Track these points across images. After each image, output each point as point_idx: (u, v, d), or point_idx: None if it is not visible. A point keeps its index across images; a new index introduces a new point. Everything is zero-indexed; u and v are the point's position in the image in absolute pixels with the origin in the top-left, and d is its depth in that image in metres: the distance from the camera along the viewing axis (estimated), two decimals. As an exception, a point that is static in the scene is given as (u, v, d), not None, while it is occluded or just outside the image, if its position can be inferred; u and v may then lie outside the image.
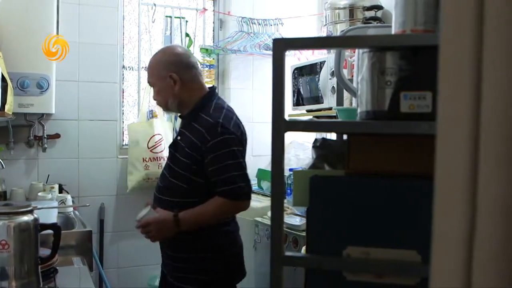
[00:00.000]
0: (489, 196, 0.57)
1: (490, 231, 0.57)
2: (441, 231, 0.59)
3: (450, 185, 0.58)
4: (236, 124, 2.04)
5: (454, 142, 0.57)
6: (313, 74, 2.94)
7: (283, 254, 1.09)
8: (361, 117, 1.08)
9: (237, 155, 1.97)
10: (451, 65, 0.57)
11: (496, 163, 0.56)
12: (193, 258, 2.08)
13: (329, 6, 2.90)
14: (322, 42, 1.22)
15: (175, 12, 3.51)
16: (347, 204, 1.09)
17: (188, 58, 2.17)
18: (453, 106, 0.57)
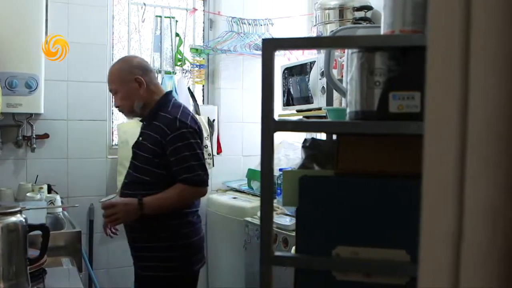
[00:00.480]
0: (476, 196, 0.57)
1: (477, 231, 0.57)
2: (429, 231, 0.59)
3: (438, 185, 0.58)
4: (193, 119, 2.25)
5: (441, 143, 0.57)
6: (303, 74, 2.95)
7: (272, 254, 1.09)
8: (350, 117, 1.08)
9: (195, 146, 2.19)
10: (439, 65, 0.57)
11: (483, 163, 0.57)
12: (155, 247, 2.24)
13: (319, 6, 2.91)
14: (311, 42, 1.22)
15: (165, 12, 3.50)
16: (336, 204, 1.09)
17: (146, 62, 2.43)
18: (440, 106, 0.57)
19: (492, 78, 0.56)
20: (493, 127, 0.56)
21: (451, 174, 0.57)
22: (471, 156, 0.57)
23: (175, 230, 2.25)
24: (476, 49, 0.56)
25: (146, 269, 2.27)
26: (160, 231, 2.24)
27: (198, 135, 2.23)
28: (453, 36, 0.57)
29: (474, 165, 0.57)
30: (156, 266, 2.24)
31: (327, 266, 1.12)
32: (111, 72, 2.34)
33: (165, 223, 2.23)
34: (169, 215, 2.22)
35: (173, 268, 2.24)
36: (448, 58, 0.57)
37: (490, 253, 0.57)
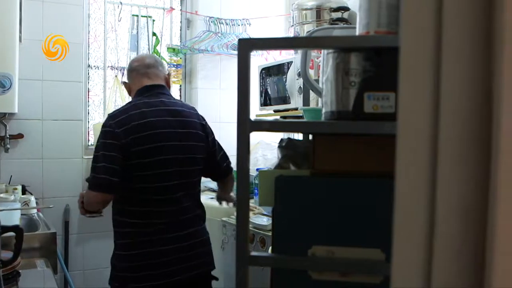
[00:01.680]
0: (448, 195, 0.58)
1: (449, 230, 0.58)
2: (401, 230, 0.60)
3: (410, 184, 0.59)
4: (124, 120, 2.03)
5: (413, 142, 0.58)
6: (281, 74, 2.95)
7: (248, 254, 1.09)
8: (325, 117, 1.09)
9: (100, 147, 2.02)
10: (411, 66, 0.58)
11: (455, 163, 0.57)
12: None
13: (297, 7, 2.92)
14: (287, 43, 1.22)
15: (142, 11, 3.48)
16: (312, 203, 1.10)
17: (133, 63, 2.30)
18: (412, 106, 0.58)
19: (464, 79, 0.57)
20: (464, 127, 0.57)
21: (423, 174, 0.58)
22: (443, 155, 0.58)
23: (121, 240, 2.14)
24: (448, 50, 0.57)
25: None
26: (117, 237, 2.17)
27: (116, 136, 2.00)
28: (425, 37, 0.57)
29: (445, 165, 0.57)
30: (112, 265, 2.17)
31: (303, 265, 1.12)
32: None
33: (119, 231, 2.14)
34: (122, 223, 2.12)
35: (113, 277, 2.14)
36: (420, 59, 0.57)
37: (462, 251, 0.58)
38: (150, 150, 2.04)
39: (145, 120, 2.05)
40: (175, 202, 2.12)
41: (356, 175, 1.10)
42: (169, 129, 2.10)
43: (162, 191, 2.08)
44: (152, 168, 2.05)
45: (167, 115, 2.11)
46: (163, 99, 2.17)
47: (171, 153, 2.08)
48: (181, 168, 2.12)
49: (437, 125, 0.58)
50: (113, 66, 3.44)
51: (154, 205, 2.07)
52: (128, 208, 2.08)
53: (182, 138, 2.13)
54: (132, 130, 2.02)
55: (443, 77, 0.57)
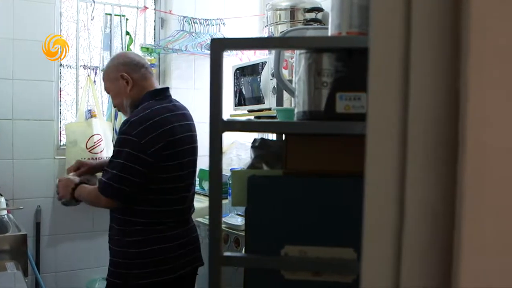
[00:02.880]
0: (416, 195, 0.58)
1: (417, 230, 0.59)
2: (371, 230, 0.60)
3: (379, 184, 0.59)
4: (148, 128, 2.01)
5: (382, 143, 0.59)
6: (255, 74, 2.95)
7: (221, 254, 1.08)
8: (298, 118, 1.09)
9: (125, 156, 1.99)
10: (380, 67, 0.58)
11: (423, 162, 0.58)
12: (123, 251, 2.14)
13: (271, 7, 2.92)
14: (259, 43, 1.22)
15: (115, 10, 3.44)
16: (285, 203, 1.10)
17: (137, 58, 2.26)
18: (381, 107, 0.58)
19: (432, 80, 0.57)
20: (432, 127, 0.58)
21: (391, 174, 0.59)
22: (411, 155, 0.58)
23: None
24: (416, 51, 0.58)
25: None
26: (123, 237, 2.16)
27: (141, 147, 1.99)
28: (394, 38, 0.58)
29: (414, 164, 0.58)
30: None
31: (275, 265, 1.13)
32: (103, 72, 2.31)
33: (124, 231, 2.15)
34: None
35: (113, 273, 2.15)
36: (389, 59, 0.58)
37: (430, 250, 0.59)
38: (175, 155, 2.08)
39: (169, 126, 2.06)
40: (183, 201, 2.19)
41: (328, 175, 1.11)
42: (187, 133, 2.15)
43: (176, 191, 2.14)
44: (175, 171, 2.10)
45: (183, 119, 2.16)
46: (175, 103, 2.21)
47: (188, 155, 2.16)
48: (194, 168, 2.23)
49: (405, 125, 0.58)
50: (86, 65, 3.39)
51: (170, 205, 2.13)
52: (143, 208, 2.10)
53: (192, 140, 2.21)
54: (156, 138, 2.02)
55: (412, 78, 0.58)
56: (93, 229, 3.31)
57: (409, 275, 0.59)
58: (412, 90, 0.58)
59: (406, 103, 0.58)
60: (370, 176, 0.59)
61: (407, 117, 0.58)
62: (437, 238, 0.58)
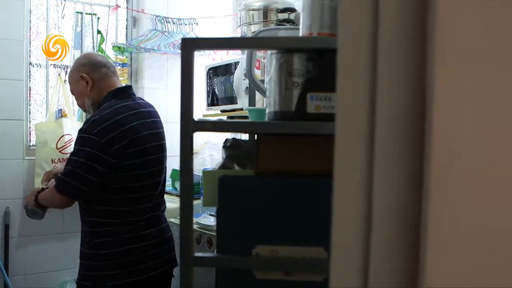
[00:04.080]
0: (384, 195, 0.59)
1: (385, 229, 0.59)
2: (339, 229, 0.60)
3: (347, 184, 0.59)
4: (108, 127, 2.00)
5: (350, 142, 0.59)
6: (228, 74, 2.95)
7: (192, 254, 1.08)
8: (269, 118, 1.09)
9: (82, 154, 1.99)
10: (348, 67, 0.58)
11: (391, 161, 0.59)
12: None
13: (244, 7, 2.92)
14: (230, 43, 1.22)
15: (86, 8, 3.39)
16: (256, 203, 1.10)
17: (97, 58, 2.26)
18: (349, 107, 0.59)
19: (399, 80, 0.58)
20: (399, 126, 0.58)
21: (359, 173, 0.59)
22: (379, 154, 0.59)
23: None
24: (383, 51, 0.58)
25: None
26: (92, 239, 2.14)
27: (100, 146, 1.97)
28: (361, 38, 0.58)
29: (381, 163, 0.59)
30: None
31: (247, 265, 1.13)
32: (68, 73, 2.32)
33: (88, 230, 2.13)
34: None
35: (84, 276, 2.12)
36: (356, 60, 0.58)
37: (398, 247, 0.59)
38: (137, 153, 2.05)
39: (130, 125, 2.05)
40: (153, 199, 2.16)
41: (299, 175, 1.11)
42: (150, 131, 2.13)
43: (142, 190, 2.11)
44: (137, 169, 2.07)
45: (146, 117, 2.15)
46: (138, 101, 2.19)
47: (152, 153, 2.13)
48: (160, 166, 2.20)
49: (373, 124, 0.59)
50: (56, 64, 3.34)
51: (136, 203, 2.10)
52: (109, 208, 2.08)
53: (158, 138, 2.18)
54: (117, 137, 2.00)
55: (379, 78, 0.58)
56: (64, 230, 3.26)
57: (377, 274, 0.60)
58: (380, 90, 0.58)
59: (373, 103, 0.59)
60: (338, 175, 0.60)
61: (374, 116, 0.59)
62: (405, 237, 0.59)
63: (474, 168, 0.53)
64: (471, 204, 0.53)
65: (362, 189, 0.59)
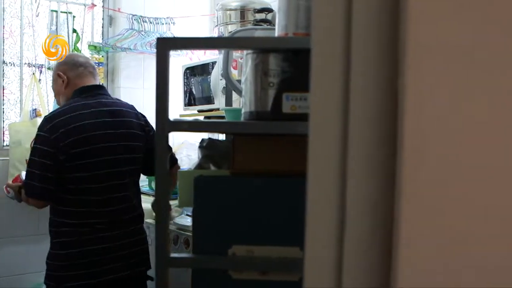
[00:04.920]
0: (357, 194, 0.59)
1: (358, 228, 0.60)
2: (313, 228, 0.61)
3: (321, 183, 0.60)
4: (59, 124, 2.01)
5: (324, 142, 0.59)
6: (205, 74, 2.94)
7: (168, 255, 1.08)
8: (245, 118, 1.09)
9: (36, 152, 2.01)
10: (321, 67, 0.59)
11: (364, 162, 0.59)
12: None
13: (221, 7, 2.92)
14: (206, 43, 1.22)
15: (62, 7, 3.35)
16: (232, 203, 1.10)
17: (78, 58, 2.27)
18: (323, 107, 0.59)
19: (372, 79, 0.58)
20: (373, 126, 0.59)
21: (333, 172, 0.60)
22: (352, 154, 0.59)
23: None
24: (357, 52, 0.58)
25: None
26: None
27: (51, 143, 1.98)
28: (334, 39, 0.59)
29: (355, 163, 0.59)
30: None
31: (223, 265, 1.13)
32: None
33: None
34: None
35: (48, 276, 2.11)
36: (330, 60, 0.59)
37: (371, 246, 0.60)
38: (88, 152, 2.02)
39: (82, 122, 2.03)
40: (116, 202, 2.11)
41: (275, 174, 1.11)
42: (108, 130, 2.09)
43: (102, 192, 2.07)
44: (91, 169, 2.04)
45: (106, 116, 2.10)
46: (101, 100, 2.15)
47: (110, 154, 2.08)
48: (122, 168, 2.12)
49: (346, 124, 0.59)
50: (30, 63, 3.29)
51: (94, 206, 2.06)
52: (65, 208, 2.06)
53: (121, 138, 2.13)
54: (68, 135, 1.99)
55: (352, 78, 0.59)
56: (39, 232, 3.21)
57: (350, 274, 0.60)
58: (353, 90, 0.59)
59: (347, 103, 0.59)
60: (312, 175, 0.60)
61: (348, 116, 0.59)
62: (378, 237, 0.59)
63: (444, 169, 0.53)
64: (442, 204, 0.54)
65: (335, 189, 0.60)
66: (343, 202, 0.60)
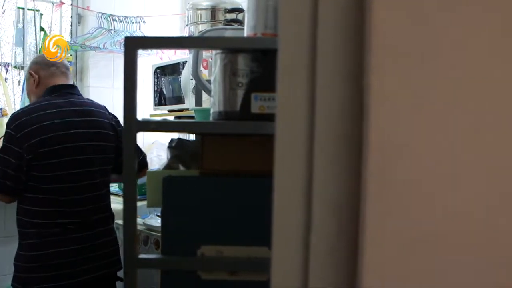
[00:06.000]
0: (323, 194, 0.60)
1: (325, 228, 0.60)
2: (279, 229, 0.61)
3: (287, 183, 0.60)
4: (25, 122, 2.00)
5: (290, 142, 0.59)
6: (176, 74, 2.92)
7: (136, 256, 1.07)
8: (213, 118, 1.09)
9: (3, 149, 2.00)
10: (287, 67, 0.59)
11: (330, 162, 0.59)
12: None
13: (191, 6, 2.90)
14: (174, 42, 1.21)
15: (29, 4, 3.29)
16: (200, 204, 1.10)
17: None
18: (288, 107, 0.59)
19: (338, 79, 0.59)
20: (339, 127, 0.59)
21: (299, 172, 0.60)
22: (318, 154, 0.59)
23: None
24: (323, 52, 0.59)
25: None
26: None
27: (18, 141, 1.96)
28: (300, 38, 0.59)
29: (321, 163, 0.59)
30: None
31: (192, 266, 1.12)
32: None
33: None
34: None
35: (15, 278, 2.07)
36: (296, 60, 0.59)
37: (338, 246, 0.60)
38: (55, 152, 2.00)
39: (47, 122, 2.01)
40: (88, 202, 2.09)
41: (244, 174, 1.11)
42: (76, 130, 2.06)
43: (73, 192, 2.05)
44: (58, 169, 2.01)
45: (74, 116, 2.08)
46: (72, 99, 2.14)
47: (79, 154, 2.06)
48: (91, 168, 2.10)
49: (313, 125, 0.59)
50: (-4, 62, 3.23)
51: (65, 206, 2.04)
52: (35, 208, 2.02)
53: (91, 138, 2.11)
54: (34, 134, 1.98)
55: (318, 78, 0.59)
56: (6, 233, 3.14)
57: (317, 274, 0.61)
58: (319, 91, 0.59)
59: (313, 104, 0.59)
60: (278, 175, 0.60)
61: (314, 117, 0.59)
62: (344, 237, 0.60)
63: (409, 169, 0.54)
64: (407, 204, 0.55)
65: (301, 189, 0.60)
66: (309, 202, 0.60)
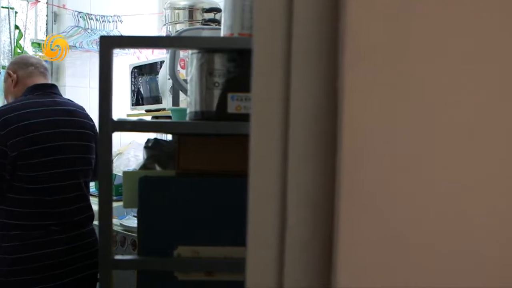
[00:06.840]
0: (298, 193, 0.60)
1: (300, 227, 0.60)
2: (254, 229, 0.61)
3: (262, 183, 0.60)
4: (9, 120, 1.97)
5: (264, 141, 0.60)
6: (153, 73, 2.91)
7: (111, 257, 1.06)
8: (190, 118, 1.09)
9: None
10: (262, 67, 0.59)
11: (304, 161, 0.60)
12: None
13: (169, 6, 2.89)
14: (150, 42, 1.20)
15: (3, 2, 3.24)
16: (177, 204, 1.09)
17: (29, 58, 2.29)
18: (263, 107, 0.59)
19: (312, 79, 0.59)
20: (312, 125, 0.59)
21: (274, 171, 0.60)
22: (293, 153, 0.60)
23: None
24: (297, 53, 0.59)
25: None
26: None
27: (2, 137, 1.93)
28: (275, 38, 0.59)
29: (295, 162, 0.60)
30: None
31: (168, 266, 1.12)
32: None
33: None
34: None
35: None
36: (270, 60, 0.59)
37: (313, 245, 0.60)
38: (41, 151, 1.97)
39: (32, 121, 1.98)
40: (69, 202, 2.06)
41: (220, 174, 1.11)
42: (61, 129, 2.05)
43: (55, 192, 2.02)
44: (42, 169, 1.98)
45: (61, 115, 2.07)
46: (56, 99, 2.13)
47: (63, 153, 2.04)
48: (75, 168, 2.08)
49: (287, 124, 0.60)
50: (-28, 61, 3.17)
51: (48, 206, 2.01)
52: (17, 210, 1.98)
53: (75, 138, 2.10)
54: (19, 131, 1.95)
55: (293, 78, 0.59)
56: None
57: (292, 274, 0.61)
58: (293, 91, 0.59)
59: (287, 103, 0.60)
60: (253, 175, 0.60)
61: (288, 116, 0.59)
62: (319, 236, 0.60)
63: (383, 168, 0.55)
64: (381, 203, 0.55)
65: (276, 188, 0.60)
66: (284, 201, 0.60)
